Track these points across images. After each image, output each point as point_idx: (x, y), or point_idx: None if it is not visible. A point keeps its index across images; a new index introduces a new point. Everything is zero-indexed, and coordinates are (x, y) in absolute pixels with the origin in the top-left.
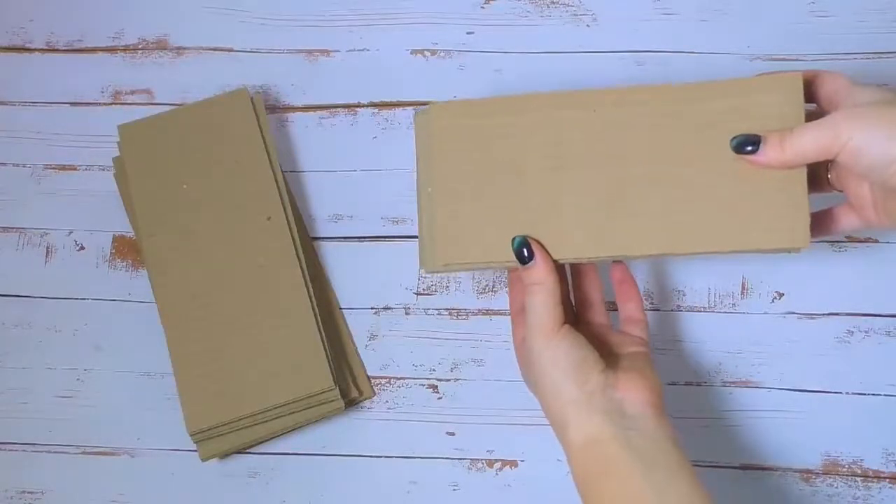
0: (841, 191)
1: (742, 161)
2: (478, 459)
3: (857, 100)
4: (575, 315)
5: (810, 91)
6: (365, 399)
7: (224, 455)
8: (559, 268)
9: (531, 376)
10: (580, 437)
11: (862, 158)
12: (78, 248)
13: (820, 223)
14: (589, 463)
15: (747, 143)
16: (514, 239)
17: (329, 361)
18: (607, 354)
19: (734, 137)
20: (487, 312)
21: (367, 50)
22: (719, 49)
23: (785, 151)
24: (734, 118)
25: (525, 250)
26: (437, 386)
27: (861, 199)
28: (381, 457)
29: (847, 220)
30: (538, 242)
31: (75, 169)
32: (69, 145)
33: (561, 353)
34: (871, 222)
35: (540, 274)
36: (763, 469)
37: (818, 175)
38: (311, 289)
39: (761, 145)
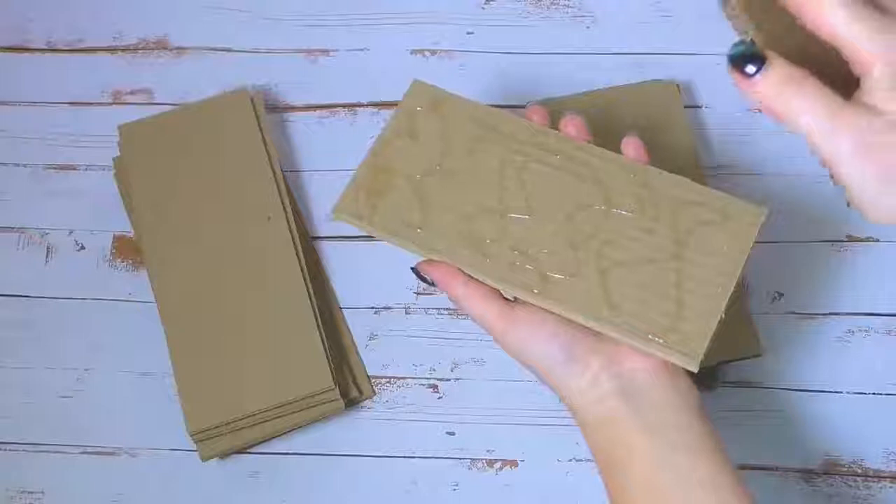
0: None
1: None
2: (478, 459)
3: None
4: None
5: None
6: (365, 399)
7: (224, 455)
8: None
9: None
10: (593, 419)
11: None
12: (78, 248)
13: None
14: (607, 447)
15: (750, 59)
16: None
17: (329, 361)
18: None
19: (734, 44)
20: None
21: (367, 50)
22: (718, 50)
23: (784, 89)
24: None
25: (417, 277)
26: (437, 386)
27: None
28: (381, 457)
29: None
30: (435, 262)
31: (75, 169)
32: (69, 145)
33: (539, 343)
34: None
35: (450, 292)
36: (763, 469)
37: None
38: (311, 289)
39: (766, 67)
